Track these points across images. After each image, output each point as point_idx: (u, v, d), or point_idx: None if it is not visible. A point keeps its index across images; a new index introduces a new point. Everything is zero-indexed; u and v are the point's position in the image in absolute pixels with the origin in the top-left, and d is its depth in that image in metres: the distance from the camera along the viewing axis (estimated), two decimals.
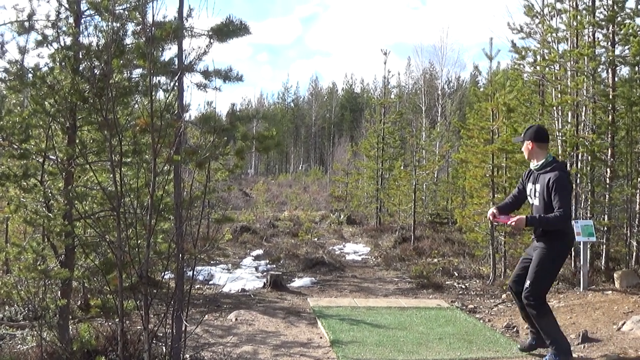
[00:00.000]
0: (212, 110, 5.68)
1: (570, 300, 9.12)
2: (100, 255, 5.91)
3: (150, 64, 4.84)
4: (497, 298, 9.95)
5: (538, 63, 12.76)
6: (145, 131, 4.97)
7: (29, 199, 6.05)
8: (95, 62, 5.74)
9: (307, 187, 42.44)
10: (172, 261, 5.15)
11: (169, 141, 4.96)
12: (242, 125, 5.81)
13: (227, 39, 5.71)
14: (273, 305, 9.24)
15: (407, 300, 9.80)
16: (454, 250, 15.22)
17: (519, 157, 11.48)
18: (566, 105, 11.67)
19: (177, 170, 5.37)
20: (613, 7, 10.68)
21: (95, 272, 6.05)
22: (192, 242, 5.14)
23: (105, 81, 5.26)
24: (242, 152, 5.76)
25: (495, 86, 12.38)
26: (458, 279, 11.78)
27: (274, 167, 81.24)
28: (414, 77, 63.87)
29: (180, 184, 5.36)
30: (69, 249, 6.02)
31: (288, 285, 10.92)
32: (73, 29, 6.02)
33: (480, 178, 12.49)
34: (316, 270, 12.56)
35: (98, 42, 5.82)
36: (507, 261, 11.70)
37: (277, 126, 55.40)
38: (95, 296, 7.25)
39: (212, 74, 5.68)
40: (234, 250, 14.72)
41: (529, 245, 11.93)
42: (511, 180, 11.76)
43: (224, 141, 5.67)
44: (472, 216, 12.70)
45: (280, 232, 18.82)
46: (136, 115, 5.71)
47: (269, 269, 12.59)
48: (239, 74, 5.79)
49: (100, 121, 5.12)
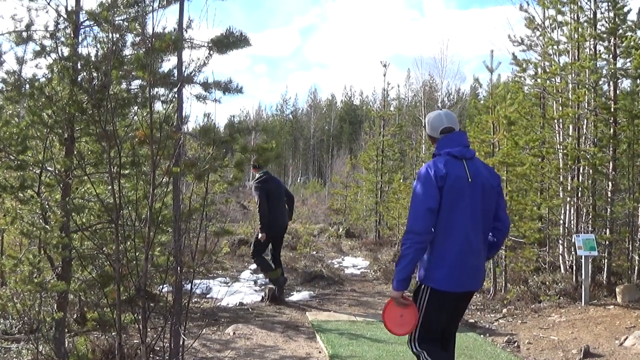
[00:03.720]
0: (211, 122, 5.68)
1: (572, 315, 9.10)
2: (97, 268, 5.89)
3: (150, 75, 4.86)
4: (498, 312, 9.94)
5: (539, 76, 12.80)
6: (144, 143, 4.97)
7: (25, 211, 6.05)
8: (94, 73, 5.75)
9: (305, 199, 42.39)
10: (170, 274, 5.15)
11: (168, 153, 4.98)
12: (241, 137, 5.81)
13: (227, 51, 5.74)
14: (271, 319, 9.22)
15: None
16: None
17: (520, 170, 11.50)
18: (567, 118, 11.71)
19: (176, 183, 5.38)
20: (614, 19, 10.73)
21: (92, 285, 6.03)
22: (190, 255, 5.13)
23: (104, 92, 5.29)
24: (241, 164, 5.78)
25: (496, 99, 12.40)
26: None
27: None
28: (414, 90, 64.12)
29: (179, 196, 5.37)
30: (65, 261, 6.01)
31: (286, 299, 10.90)
32: (72, 39, 6.05)
33: None
34: (315, 284, 12.54)
35: (97, 53, 5.85)
36: (508, 275, 11.69)
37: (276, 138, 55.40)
38: (92, 309, 7.22)
39: (211, 86, 5.69)
40: (231, 264, 14.70)
41: (530, 259, 11.98)
42: (512, 193, 11.76)
43: (222, 153, 5.68)
44: None
45: None
46: (135, 127, 5.71)
47: (267, 282, 12.56)
48: (238, 86, 5.81)
49: (99, 132, 5.13)
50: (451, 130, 4.48)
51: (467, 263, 4.25)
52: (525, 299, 10.44)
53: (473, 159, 4.42)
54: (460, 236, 4.20)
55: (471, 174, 4.29)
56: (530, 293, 10.70)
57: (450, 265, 4.21)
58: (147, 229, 4.66)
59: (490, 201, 4.40)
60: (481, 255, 4.41)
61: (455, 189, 4.20)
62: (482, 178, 4.35)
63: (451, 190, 4.19)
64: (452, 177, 4.20)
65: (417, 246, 4.12)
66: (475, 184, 4.29)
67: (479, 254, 4.37)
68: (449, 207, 4.17)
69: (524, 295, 10.62)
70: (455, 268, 4.21)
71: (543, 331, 8.42)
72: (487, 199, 4.36)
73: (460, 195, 4.21)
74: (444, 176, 4.17)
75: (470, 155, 4.41)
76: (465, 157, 4.36)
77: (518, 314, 9.64)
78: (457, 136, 4.46)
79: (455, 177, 4.21)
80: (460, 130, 4.50)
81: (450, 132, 4.47)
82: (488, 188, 4.36)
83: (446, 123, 4.49)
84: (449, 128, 4.48)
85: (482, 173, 4.39)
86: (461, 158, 4.33)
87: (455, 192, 4.19)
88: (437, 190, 4.15)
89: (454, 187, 4.19)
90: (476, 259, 4.33)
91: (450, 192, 4.18)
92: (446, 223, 4.19)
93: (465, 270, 4.26)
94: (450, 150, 4.35)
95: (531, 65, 13.02)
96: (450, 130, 4.48)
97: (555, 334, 8.19)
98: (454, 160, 4.31)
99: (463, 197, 4.22)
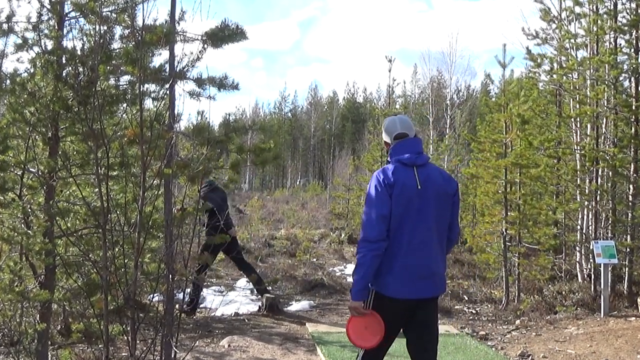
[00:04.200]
0: (205, 121, 5.67)
1: (590, 327, 9.09)
2: (83, 276, 5.88)
3: (140, 70, 4.85)
4: (511, 324, 9.92)
5: (555, 71, 12.79)
6: (133, 142, 4.97)
7: (6, 215, 6.04)
8: (79, 68, 5.73)
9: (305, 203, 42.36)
10: (161, 282, 5.13)
11: (159, 153, 4.97)
12: (237, 136, 5.80)
13: (222, 45, 5.72)
14: (269, 331, 9.21)
15: None
16: (463, 272, 15.17)
17: (534, 172, 11.49)
18: (585, 117, 11.71)
19: (168, 185, 5.36)
20: (637, 10, 10.69)
21: (77, 294, 6.02)
22: (182, 262, 5.12)
23: (90, 88, 5.27)
24: (237, 165, 5.76)
25: (508, 96, 12.40)
26: (468, 304, 11.74)
27: (269, 181, 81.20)
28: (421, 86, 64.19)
29: (170, 200, 5.35)
30: (49, 269, 5.99)
31: (285, 309, 10.88)
32: (56, 32, 6.03)
33: (492, 195, 12.52)
34: (315, 293, 12.52)
35: (83, 47, 5.82)
36: (521, 284, 11.68)
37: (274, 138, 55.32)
38: (77, 320, 7.21)
39: (206, 82, 5.68)
40: (226, 271, 14.67)
41: (545, 267, 11.97)
42: (526, 197, 11.76)
43: (217, 154, 5.67)
44: (483, 236, 12.71)
45: (277, 251, 18.74)
46: (124, 126, 5.70)
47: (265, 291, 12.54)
48: (234, 82, 5.79)
49: (85, 131, 5.13)
50: (405, 136, 4.68)
51: (417, 270, 4.43)
52: (540, 310, 10.43)
53: (425, 166, 4.59)
54: (410, 243, 4.40)
55: (421, 181, 4.47)
56: (545, 303, 10.68)
57: (400, 272, 4.41)
58: (137, 234, 4.65)
59: (444, 208, 4.58)
60: (434, 262, 4.55)
61: (404, 197, 4.39)
62: (434, 185, 4.52)
63: (400, 198, 4.39)
64: (400, 184, 4.41)
65: (373, 253, 4.35)
66: (426, 191, 4.46)
67: (432, 261, 4.52)
68: (399, 215, 4.38)
69: (539, 305, 10.61)
70: (404, 275, 4.41)
71: (559, 344, 8.40)
72: (440, 205, 4.54)
73: (410, 202, 4.41)
74: (392, 184, 4.39)
75: (421, 161, 4.57)
76: (416, 164, 4.53)
77: (532, 325, 9.62)
78: (409, 143, 4.65)
79: (403, 185, 4.41)
80: (415, 136, 4.70)
81: (403, 139, 4.67)
82: (442, 194, 4.55)
83: (400, 129, 4.70)
84: (402, 134, 4.68)
85: (434, 180, 4.55)
86: (411, 165, 4.52)
87: (404, 200, 4.39)
88: (388, 197, 4.37)
89: (402, 194, 4.39)
90: (428, 266, 4.49)
91: (399, 200, 4.39)
92: (396, 230, 4.40)
93: (416, 277, 4.43)
94: (399, 158, 4.56)
95: (546, 60, 13.01)
96: (403, 136, 4.68)
97: (572, 348, 8.17)
98: (403, 167, 4.51)
99: (412, 204, 4.41)
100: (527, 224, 11.62)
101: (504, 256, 11.54)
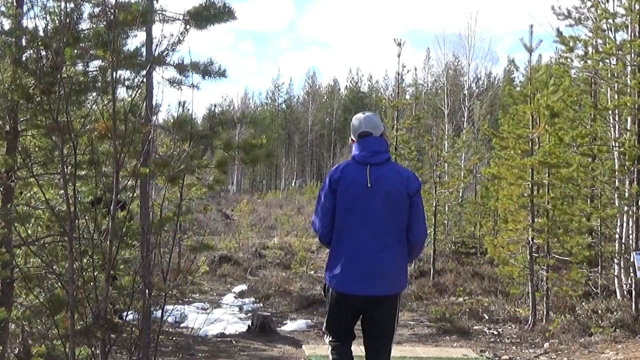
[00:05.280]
0: (187, 113, 5.66)
1: (631, 352, 9.08)
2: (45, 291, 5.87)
3: (112, 54, 4.83)
4: (538, 347, 9.93)
5: (590, 56, 12.78)
6: (104, 137, 4.96)
7: None
8: (42, 52, 5.72)
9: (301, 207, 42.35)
10: (136, 298, 5.12)
11: (134, 150, 4.95)
12: (224, 131, 5.82)
13: (206, 25, 5.73)
14: (260, 354, 9.21)
15: (426, 348, 9.76)
16: (483, 287, 15.19)
17: (565, 172, 11.49)
18: (625, 109, 11.70)
19: (145, 186, 5.35)
20: None
21: (39, 312, 6.01)
22: (161, 275, 5.11)
23: (55, 75, 5.25)
24: (224, 164, 5.76)
25: (535, 85, 12.39)
26: (489, 323, 11.75)
27: (261, 182, 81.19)
28: (435, 74, 64.06)
29: (148, 203, 5.35)
30: (6, 282, 5.99)
31: (278, 329, 10.89)
32: (14, 9, 6.03)
33: (517, 198, 12.50)
34: (313, 310, 12.55)
35: (46, 27, 5.80)
36: (550, 302, 11.68)
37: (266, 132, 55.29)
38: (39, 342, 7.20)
39: (188, 68, 5.69)
40: (211, 286, 14.70)
41: (578, 282, 11.96)
42: (555, 201, 11.76)
43: (201, 150, 5.66)
44: (505, 245, 12.70)
45: (269, 263, 18.78)
46: (94, 118, 5.69)
47: (255, 308, 12.55)
48: (221, 68, 5.81)
49: (49, 124, 5.11)
50: (368, 135, 5.20)
51: (360, 267, 4.97)
52: (572, 331, 10.42)
53: (382, 165, 5.10)
54: (353, 240, 4.99)
55: (372, 180, 4.99)
56: (578, 324, 10.68)
57: (343, 268, 4.99)
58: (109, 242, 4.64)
59: (397, 208, 5.05)
60: (383, 261, 5.01)
61: (349, 193, 4.98)
62: (386, 184, 5.01)
63: (345, 194, 4.99)
64: (347, 181, 5.00)
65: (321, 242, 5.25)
66: (376, 190, 4.98)
67: (379, 260, 4.99)
68: (344, 210, 4.98)
69: (571, 326, 10.60)
70: (347, 271, 4.98)
71: None
72: (392, 205, 5.02)
73: (356, 200, 4.97)
74: (337, 180, 5.02)
75: (377, 161, 5.09)
76: (368, 162, 5.06)
77: (563, 349, 9.62)
78: (369, 142, 5.18)
79: (351, 182, 4.99)
80: (381, 135, 5.25)
81: (365, 137, 5.19)
82: (394, 195, 5.02)
83: (363, 127, 5.24)
84: (365, 132, 5.21)
85: (387, 179, 5.05)
86: (364, 163, 5.06)
87: (349, 196, 4.98)
88: (331, 194, 5.03)
89: (347, 191, 4.98)
90: (374, 264, 4.98)
91: (344, 196, 4.99)
92: (341, 226, 5.02)
93: (359, 274, 4.97)
94: (354, 155, 5.15)
95: (580, 43, 12.98)
96: (366, 135, 5.20)
97: None
98: (356, 165, 5.10)
99: (359, 202, 4.97)
100: (557, 232, 11.62)
101: (530, 269, 11.54)
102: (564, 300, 12.06)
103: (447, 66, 46.70)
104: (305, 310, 12.51)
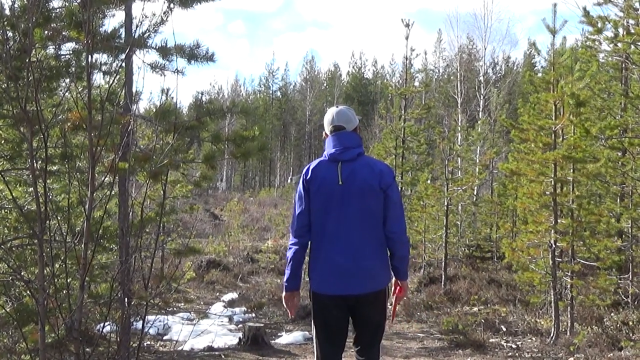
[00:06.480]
0: (172, 101, 5.66)
1: None
2: (13, 300, 5.87)
3: (88, 36, 4.83)
4: None
5: (620, 39, 12.77)
6: (79, 128, 4.95)
7: None
8: (9, 33, 5.71)
9: None
10: (114, 308, 5.12)
11: (112, 143, 4.95)
12: (213, 121, 5.81)
13: (192, 4, 5.73)
14: None
15: None
16: (500, 295, 15.20)
17: (592, 168, 11.48)
18: None
19: (124, 183, 5.35)
20: None
21: (5, 323, 6.01)
22: (142, 282, 5.11)
23: (23, 59, 5.26)
24: (212, 158, 5.75)
25: (559, 70, 12.38)
26: (506, 336, 11.76)
27: (253, 179, 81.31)
28: (447, 58, 64.23)
29: (127, 202, 5.34)
30: None
31: (272, 342, 10.89)
32: None
33: (538, 197, 12.49)
34: (310, 321, 12.52)
35: (13, 5, 5.81)
36: (575, 312, 11.68)
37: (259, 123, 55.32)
38: (5, 357, 7.21)
39: (172, 51, 5.68)
40: (198, 294, 14.71)
41: (606, 290, 11.96)
42: (581, 200, 11.75)
43: (187, 143, 5.66)
44: (525, 249, 12.70)
45: (262, 268, 18.80)
46: (66, 107, 5.69)
47: (247, 319, 12.55)
48: (209, 52, 5.81)
49: (16, 114, 5.10)
50: (340, 129, 5.47)
51: (338, 266, 5.27)
52: (599, 345, 10.42)
53: (354, 160, 5.36)
54: (330, 239, 5.28)
55: (343, 177, 5.27)
56: (607, 337, 10.68)
57: (322, 268, 5.34)
58: (84, 246, 4.64)
59: (372, 203, 5.32)
60: (361, 259, 5.30)
61: (322, 192, 5.29)
62: (358, 180, 5.28)
63: (318, 194, 5.29)
64: (319, 179, 5.31)
65: (294, 248, 5.40)
66: (349, 187, 5.26)
67: (357, 258, 5.28)
68: (320, 210, 5.28)
69: (598, 339, 10.60)
70: (325, 270, 5.33)
71: None
72: (366, 201, 5.30)
73: (330, 198, 5.27)
74: (309, 179, 5.32)
75: (348, 157, 5.35)
76: (339, 159, 5.32)
77: None
78: (340, 137, 5.43)
79: (322, 180, 5.30)
80: (354, 130, 5.52)
81: (337, 132, 5.46)
82: (367, 189, 5.29)
83: (335, 121, 5.50)
84: (337, 127, 5.47)
85: (359, 175, 5.31)
86: (335, 161, 5.32)
87: (323, 195, 5.28)
88: (306, 194, 5.33)
89: (320, 190, 5.29)
90: (352, 263, 5.26)
91: (317, 195, 5.29)
92: (318, 226, 5.32)
93: (338, 274, 5.28)
94: (326, 152, 5.42)
95: (609, 24, 12.96)
96: (339, 129, 5.47)
97: None
98: (327, 162, 5.38)
99: (333, 200, 5.26)
100: (583, 234, 11.62)
101: (552, 276, 11.54)
102: (590, 311, 12.06)
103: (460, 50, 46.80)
104: (302, 321, 12.49)
